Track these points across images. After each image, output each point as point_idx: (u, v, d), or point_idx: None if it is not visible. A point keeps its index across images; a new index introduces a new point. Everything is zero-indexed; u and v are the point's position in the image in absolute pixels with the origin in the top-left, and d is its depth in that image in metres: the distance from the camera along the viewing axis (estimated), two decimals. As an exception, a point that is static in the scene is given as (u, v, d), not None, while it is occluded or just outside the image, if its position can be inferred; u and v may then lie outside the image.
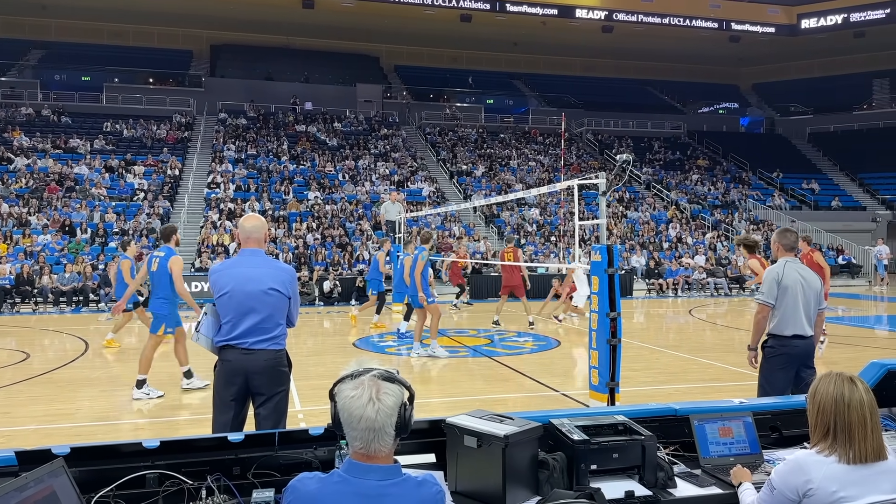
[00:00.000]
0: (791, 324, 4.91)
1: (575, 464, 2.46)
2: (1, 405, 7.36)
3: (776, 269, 5.01)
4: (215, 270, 4.07)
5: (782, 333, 4.93)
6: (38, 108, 29.72)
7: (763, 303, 4.98)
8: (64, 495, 2.09)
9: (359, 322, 14.31)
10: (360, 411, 1.79)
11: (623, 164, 5.92)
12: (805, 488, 2.20)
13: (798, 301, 4.91)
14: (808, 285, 4.98)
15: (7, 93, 30.16)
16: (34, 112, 29.30)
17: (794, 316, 4.91)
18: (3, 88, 30.33)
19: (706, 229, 27.22)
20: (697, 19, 35.92)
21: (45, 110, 29.63)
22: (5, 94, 30.00)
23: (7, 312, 17.11)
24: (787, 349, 4.92)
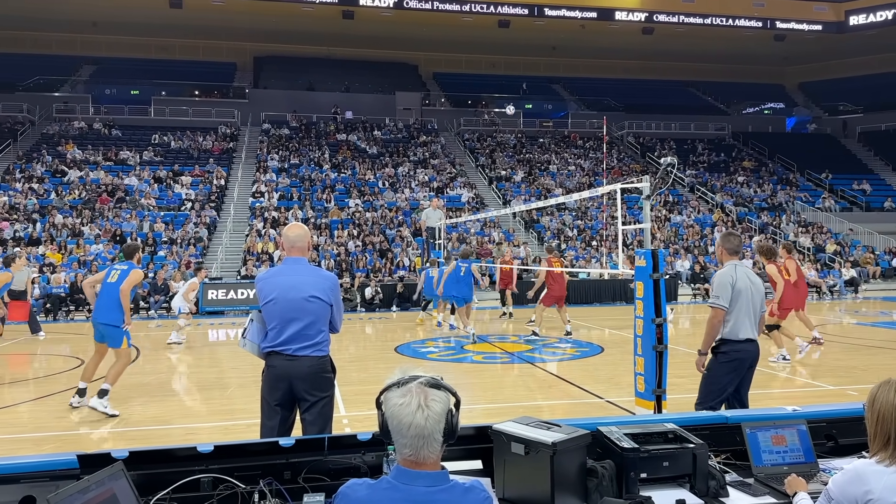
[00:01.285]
0: (744, 328, 4.90)
1: (624, 472, 2.43)
2: (58, 410, 7.60)
3: (729, 273, 4.97)
4: (261, 279, 4.18)
5: (736, 338, 4.91)
6: (89, 121, 30.73)
7: (718, 306, 4.94)
8: (123, 498, 2.15)
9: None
10: (409, 418, 1.81)
11: (667, 166, 5.84)
12: (865, 499, 2.14)
13: (749, 305, 4.91)
14: (756, 289, 4.98)
15: (60, 107, 31.26)
16: (86, 126, 30.30)
17: (746, 320, 4.91)
18: (57, 103, 31.45)
19: (753, 232, 26.61)
20: (741, 18, 35.23)
21: (96, 124, 30.62)
22: (59, 109, 31.10)
23: (62, 320, 17.69)
24: (740, 354, 4.91)
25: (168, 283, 18.95)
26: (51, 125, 30.07)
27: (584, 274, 20.68)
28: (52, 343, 13.37)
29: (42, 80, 32.47)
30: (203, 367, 10.75)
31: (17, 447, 6.14)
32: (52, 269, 19.16)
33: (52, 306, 17.83)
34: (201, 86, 35.08)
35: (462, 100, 37.67)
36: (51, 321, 17.17)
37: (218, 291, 18.79)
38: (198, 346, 13.08)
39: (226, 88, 35.48)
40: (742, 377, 4.95)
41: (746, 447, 2.79)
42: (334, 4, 32.30)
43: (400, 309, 18.99)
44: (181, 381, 9.25)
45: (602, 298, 20.69)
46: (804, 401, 7.52)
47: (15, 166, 25.85)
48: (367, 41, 35.64)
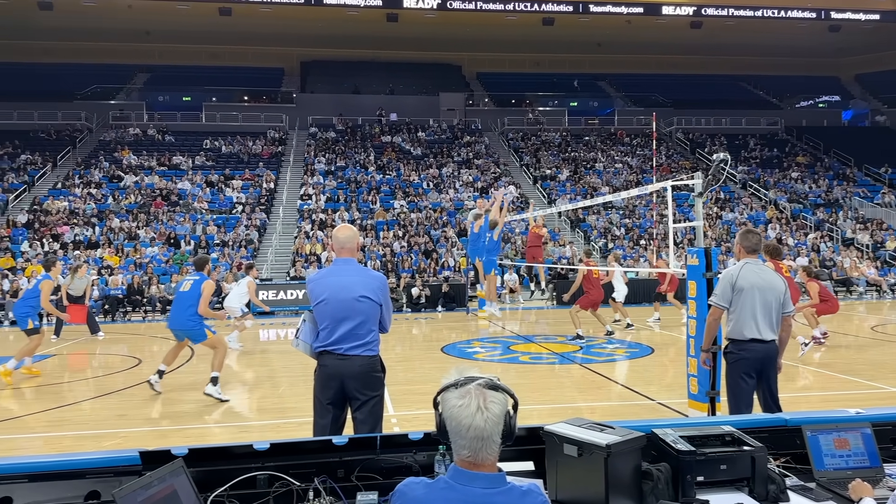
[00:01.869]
0: (748, 327, 4.78)
1: (681, 475, 2.39)
2: (116, 408, 7.86)
3: (731, 271, 4.89)
4: (312, 279, 4.25)
5: (740, 337, 4.82)
6: (143, 128, 31.69)
7: (715, 305, 4.90)
8: (184, 494, 2.21)
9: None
10: (469, 420, 1.81)
11: (720, 163, 5.72)
12: (936, 506, 2.05)
13: (755, 304, 4.77)
14: (769, 288, 4.82)
15: (116, 115, 32.32)
16: (141, 132, 31.25)
17: (751, 319, 4.78)
18: (113, 111, 32.52)
19: (808, 230, 25.81)
20: (793, 10, 34.15)
21: (150, 130, 31.55)
22: (115, 117, 32.15)
23: (119, 320, 18.28)
24: (745, 353, 4.82)
25: (220, 284, 19.39)
26: (107, 132, 31.10)
27: (632, 273, 20.34)
28: (110, 343, 13.82)
29: (99, 89, 33.63)
30: (255, 367, 10.97)
31: (78, 444, 6.36)
32: (109, 272, 19.82)
33: (109, 307, 18.44)
34: (250, 91, 35.83)
35: (506, 99, 37.53)
36: (109, 322, 17.75)
37: (268, 292, 19.13)
38: (249, 346, 13.34)
39: (274, 93, 36.15)
40: (760, 377, 4.84)
41: (807, 450, 2.71)
42: (379, 7, 32.55)
43: (445, 309, 19.03)
44: (233, 380, 9.45)
45: (651, 298, 20.31)
46: (866, 403, 7.26)
47: (74, 172, 26.83)
48: (410, 43, 35.82)
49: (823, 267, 22.48)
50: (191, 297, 8.14)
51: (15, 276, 19.12)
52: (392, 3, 32.42)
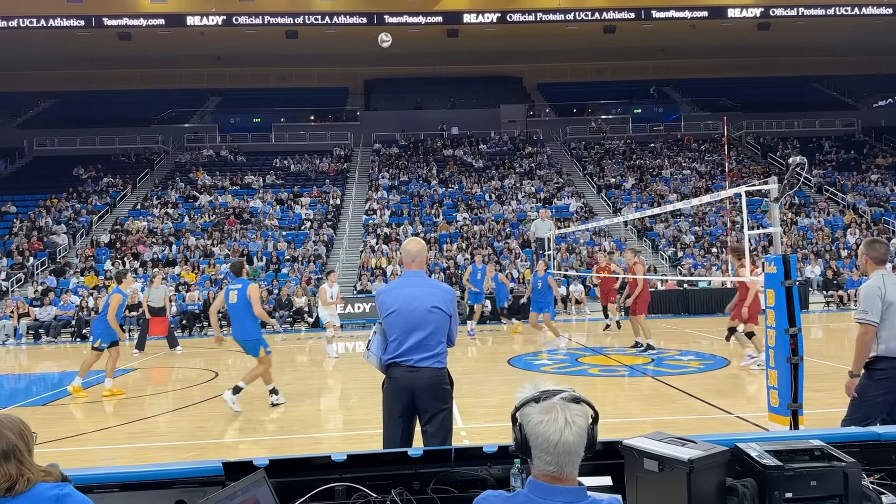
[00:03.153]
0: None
1: (768, 491, 2.29)
2: (194, 419, 8.13)
3: (876, 285, 4.49)
4: (382, 291, 4.31)
5: (893, 355, 4.41)
6: (216, 149, 32.92)
7: (867, 322, 4.47)
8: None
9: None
10: (556, 436, 1.79)
11: (796, 167, 5.50)
12: None
13: None
14: None
15: (191, 137, 33.71)
16: (214, 153, 32.48)
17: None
18: (188, 134, 33.94)
19: (891, 234, 24.52)
20: (868, 6, 32.69)
21: (223, 151, 32.75)
22: (189, 139, 33.55)
23: (196, 335, 18.94)
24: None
25: (291, 299, 19.87)
26: (182, 154, 32.45)
27: (704, 283, 19.79)
28: (188, 357, 14.33)
29: (174, 114, 35.17)
30: (325, 379, 11.17)
31: (159, 455, 6.60)
32: (187, 288, 20.59)
33: (187, 322, 19.14)
34: (316, 111, 36.77)
35: (567, 109, 37.22)
36: (186, 336, 18.41)
37: (336, 306, 19.45)
38: (319, 359, 13.60)
39: (339, 112, 36.97)
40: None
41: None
42: (439, 24, 32.93)
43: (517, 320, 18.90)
44: (304, 392, 9.64)
45: (725, 308, 19.68)
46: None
47: (152, 193, 28.08)
48: (470, 57, 36.03)
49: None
50: (242, 307, 8.10)
51: (99, 293, 20.10)
52: (452, 19, 32.75)
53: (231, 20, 31.41)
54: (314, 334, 17.92)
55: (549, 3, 32.47)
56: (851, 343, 14.19)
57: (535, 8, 32.62)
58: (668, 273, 22.26)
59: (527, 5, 32.65)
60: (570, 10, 32.72)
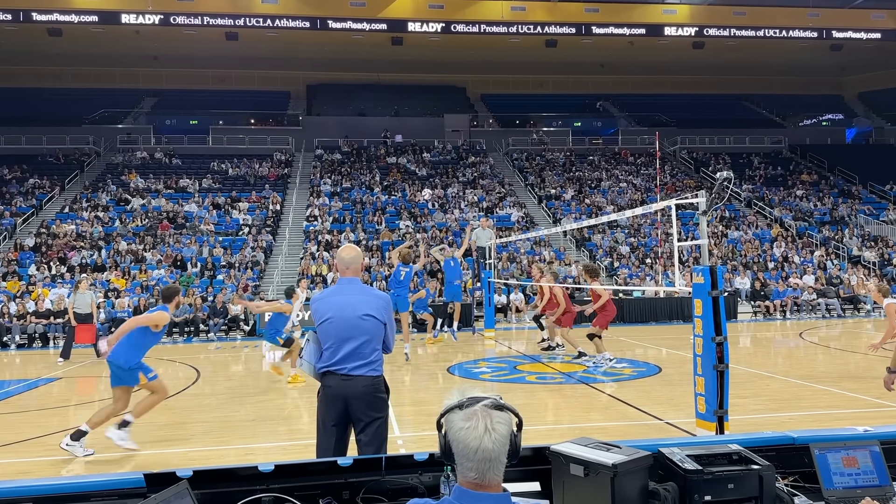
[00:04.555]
0: None
1: (688, 495, 2.36)
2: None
3: None
4: (316, 299, 4.26)
5: None
6: (151, 151, 31.98)
7: None
8: (188, 516, 2.21)
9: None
10: (476, 442, 1.80)
11: (724, 181, 5.73)
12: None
13: None
14: None
15: (124, 138, 32.66)
16: (148, 155, 31.53)
17: None
18: (121, 135, 32.87)
19: (814, 247, 25.73)
20: (795, 29, 34.36)
21: (157, 153, 31.83)
22: (122, 140, 32.49)
23: (126, 343, 18.25)
24: None
25: (227, 306, 19.43)
26: (115, 156, 31.40)
27: (638, 292, 20.30)
28: (116, 365, 13.79)
29: (106, 113, 34.00)
30: (260, 389, 10.94)
31: (83, 467, 6.34)
32: (116, 294, 19.87)
33: (116, 330, 18.44)
34: (257, 114, 36.16)
35: (510, 120, 37.76)
36: (115, 344, 17.73)
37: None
38: (255, 368, 13.33)
39: (280, 116, 36.47)
40: None
41: (816, 469, 2.68)
42: (384, 31, 32.92)
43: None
44: (239, 402, 9.43)
45: (658, 317, 20.28)
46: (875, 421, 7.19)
47: (82, 196, 27.04)
48: (415, 66, 36.16)
49: (831, 285, 22.38)
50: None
51: (22, 299, 19.20)
52: (397, 27, 32.79)
53: (168, 20, 30.61)
54: (250, 342, 17.56)
55: (493, 16, 32.92)
56: (777, 351, 14.82)
57: (478, 19, 33.00)
58: (605, 283, 22.75)
59: (471, 16, 32.99)
60: (513, 23, 33.24)
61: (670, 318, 19.99)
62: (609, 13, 33.66)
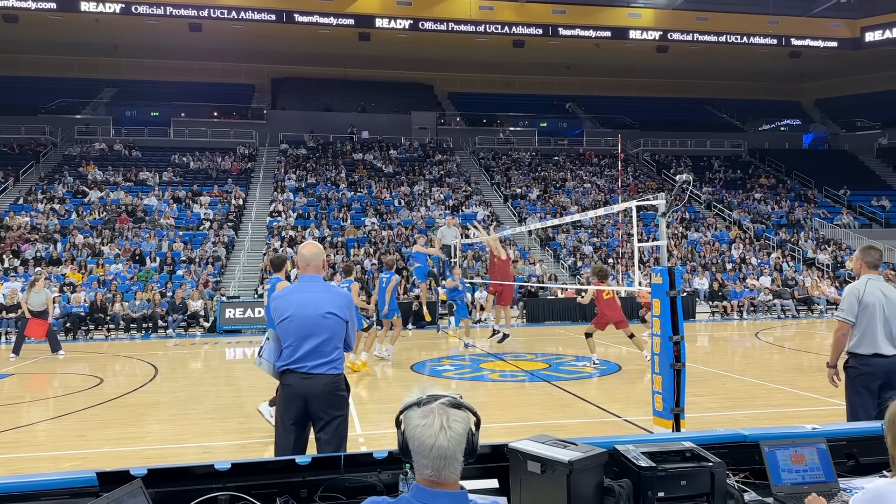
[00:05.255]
0: (871, 342, 4.85)
1: (642, 491, 2.41)
2: (76, 428, 7.67)
3: (857, 286, 4.96)
4: (276, 297, 4.22)
5: (863, 352, 4.87)
6: (110, 143, 31.24)
7: (843, 320, 4.95)
8: (142, 515, 2.17)
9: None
10: (431, 440, 1.80)
11: (682, 184, 5.83)
12: (886, 519, 2.10)
13: (877, 319, 4.85)
14: (891, 303, 4.91)
15: (82, 129, 31.82)
16: (107, 147, 30.80)
17: (874, 334, 4.84)
18: (79, 125, 32.02)
19: (771, 249, 26.38)
20: (755, 36, 35.14)
21: (116, 145, 31.11)
22: (80, 131, 31.65)
23: (81, 339, 17.87)
24: (867, 368, 4.86)
25: (186, 302, 19.11)
26: (72, 147, 30.59)
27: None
28: (70, 362, 13.50)
29: (64, 103, 33.07)
30: (220, 386, 10.81)
31: (35, 466, 6.19)
32: (72, 289, 19.39)
33: (71, 325, 18.03)
34: (220, 107, 35.54)
35: (477, 119, 37.85)
36: (70, 340, 17.34)
37: (235, 310, 18.92)
38: (215, 365, 13.15)
39: (244, 110, 35.93)
40: (881, 391, 4.80)
41: (765, 466, 2.76)
42: (351, 27, 32.67)
43: (416, 327, 18.97)
44: (198, 399, 9.30)
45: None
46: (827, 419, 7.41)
47: (37, 187, 26.30)
48: (382, 62, 35.99)
49: (786, 286, 22.97)
50: None
51: (-27, 292, 18.60)
52: (364, 23, 32.58)
53: (130, 9, 29.90)
54: (210, 339, 17.32)
55: (461, 14, 32.93)
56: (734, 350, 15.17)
57: (446, 17, 32.97)
58: (568, 282, 22.99)
59: (439, 14, 32.95)
60: (481, 22, 33.30)
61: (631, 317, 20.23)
62: (575, 15, 33.97)
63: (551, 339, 16.42)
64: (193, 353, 15.06)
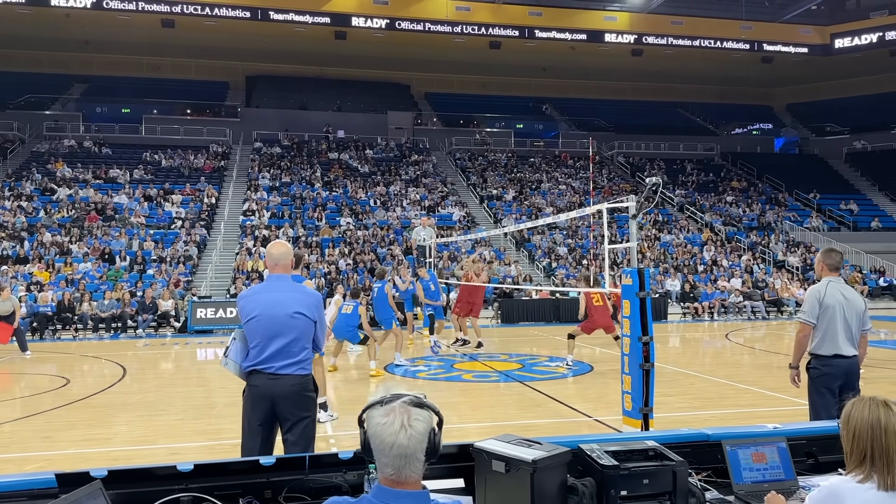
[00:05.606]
0: (831, 343, 4.95)
1: (605, 490, 2.43)
2: (41, 430, 7.53)
3: (818, 289, 5.06)
4: (243, 296, 4.17)
5: (824, 352, 4.98)
6: (80, 139, 30.69)
7: (804, 321, 5.06)
8: (101, 517, 2.14)
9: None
10: (391, 438, 1.81)
11: (653, 186, 5.90)
12: (841, 516, 2.15)
13: (837, 320, 4.95)
14: (851, 305, 5.01)
15: (51, 125, 31.23)
16: (76, 144, 30.26)
17: (835, 335, 4.95)
18: (48, 121, 31.42)
19: (742, 251, 26.78)
20: (728, 41, 35.69)
21: (86, 142, 30.58)
22: (49, 127, 31.07)
23: (49, 339, 17.55)
24: (828, 369, 4.97)
25: (157, 302, 18.86)
26: (41, 143, 30.02)
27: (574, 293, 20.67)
28: (38, 362, 13.24)
29: (33, 99, 32.44)
30: (190, 387, 10.68)
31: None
32: (39, 288, 19.02)
33: (38, 325, 17.69)
34: (193, 104, 35.11)
35: (454, 119, 37.88)
36: (37, 340, 17.02)
37: (207, 310, 18.71)
38: (185, 366, 12.99)
39: (217, 107, 35.53)
40: (842, 391, 4.90)
41: (727, 465, 2.80)
42: (327, 25, 32.53)
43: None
44: (167, 400, 9.18)
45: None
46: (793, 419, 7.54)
47: (4, 184, 25.75)
48: (359, 61, 35.87)
49: (756, 288, 23.33)
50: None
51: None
52: (340, 21, 32.47)
53: (101, 4, 29.44)
54: (181, 339, 17.11)
55: (438, 15, 32.96)
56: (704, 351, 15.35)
57: (423, 18, 32.98)
58: (542, 283, 23.12)
59: (415, 14, 32.95)
60: (458, 23, 33.37)
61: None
62: (552, 18, 34.19)
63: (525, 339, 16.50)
64: (164, 354, 14.86)
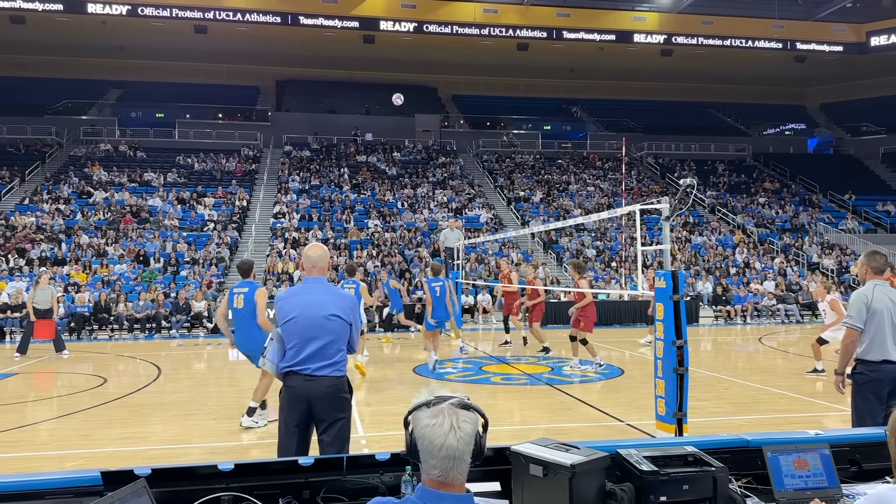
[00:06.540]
0: (880, 349, 4.79)
1: (644, 495, 2.41)
2: (80, 428, 7.69)
3: (865, 292, 4.89)
4: (281, 298, 4.23)
5: (871, 359, 4.81)
6: (115, 144, 31.33)
7: (852, 326, 4.88)
8: (146, 515, 2.18)
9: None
10: (441, 440, 1.81)
11: (687, 188, 5.84)
12: (889, 525, 2.09)
13: (886, 325, 4.79)
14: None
15: (88, 130, 31.94)
16: (112, 148, 30.89)
17: (883, 340, 4.78)
18: (84, 126, 32.14)
19: (775, 254, 26.32)
20: (760, 40, 35.11)
21: (122, 146, 31.21)
22: (86, 132, 31.77)
23: (85, 339, 17.92)
24: (876, 374, 4.79)
25: (190, 303, 19.15)
26: (78, 148, 30.70)
27: (603, 295, 20.54)
28: (75, 362, 13.53)
29: (70, 104, 33.22)
30: (223, 387, 10.83)
31: (40, 465, 6.21)
32: (76, 289, 19.45)
33: (76, 325, 18.07)
34: (225, 109, 35.67)
35: (481, 121, 37.87)
36: (75, 340, 17.39)
37: (238, 311, 18.90)
38: (217, 366, 13.17)
39: (249, 111, 36.03)
40: (890, 398, 4.76)
41: (768, 471, 2.76)
42: (355, 29, 32.76)
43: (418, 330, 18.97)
44: (200, 400, 9.31)
45: (622, 320, 20.54)
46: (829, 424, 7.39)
47: (42, 188, 26.39)
48: (387, 64, 36.06)
49: (790, 291, 22.91)
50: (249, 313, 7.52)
51: (-23, 292, 18.67)
52: (369, 25, 32.66)
53: (136, 10, 30.03)
54: (213, 340, 17.35)
55: (465, 17, 32.99)
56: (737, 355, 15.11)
57: (451, 20, 33.04)
58: (570, 285, 22.96)
59: (443, 17, 33.02)
60: (486, 25, 33.35)
61: (634, 321, 20.25)
62: (580, 18, 33.98)
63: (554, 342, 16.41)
64: (196, 354, 15.09)
